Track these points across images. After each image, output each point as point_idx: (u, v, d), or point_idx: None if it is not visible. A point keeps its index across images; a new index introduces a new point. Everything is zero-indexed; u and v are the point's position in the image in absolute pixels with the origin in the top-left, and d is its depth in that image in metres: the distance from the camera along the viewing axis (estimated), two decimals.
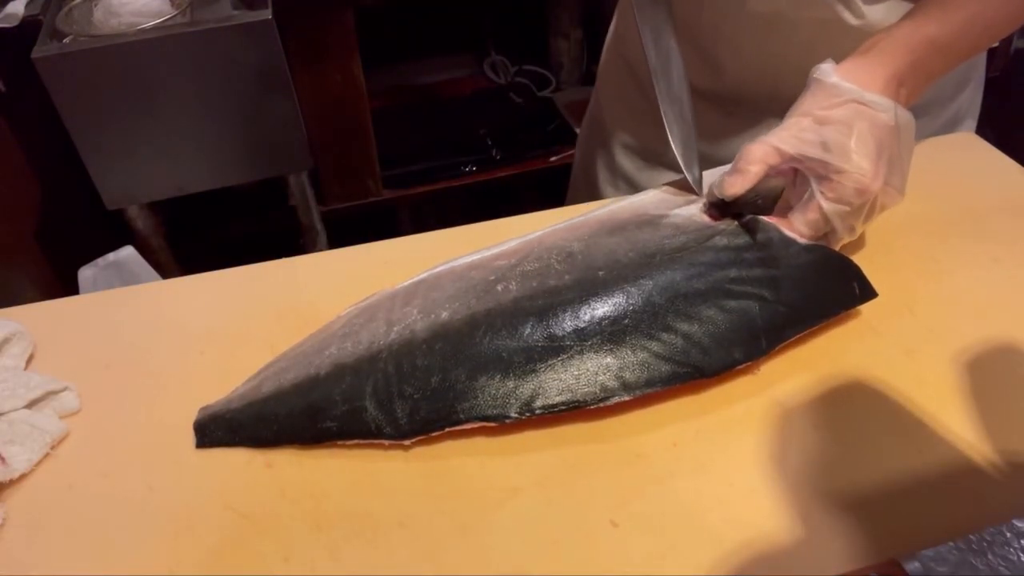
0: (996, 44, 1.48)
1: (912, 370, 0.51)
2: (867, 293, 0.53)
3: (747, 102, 0.74)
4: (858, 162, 0.49)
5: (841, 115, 0.51)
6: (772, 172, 0.53)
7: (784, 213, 0.54)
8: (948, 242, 0.61)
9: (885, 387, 0.50)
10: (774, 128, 0.54)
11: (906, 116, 0.52)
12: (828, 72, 0.53)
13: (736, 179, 0.52)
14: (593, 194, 0.91)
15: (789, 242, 0.52)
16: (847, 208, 0.51)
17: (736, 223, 0.54)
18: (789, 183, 0.56)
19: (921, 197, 0.65)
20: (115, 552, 0.43)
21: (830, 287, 0.52)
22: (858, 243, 0.59)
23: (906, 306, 0.55)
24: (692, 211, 0.57)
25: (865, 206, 0.51)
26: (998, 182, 0.67)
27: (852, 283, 0.53)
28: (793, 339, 0.52)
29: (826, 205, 0.51)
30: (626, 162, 0.86)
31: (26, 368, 0.54)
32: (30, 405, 0.49)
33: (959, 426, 0.47)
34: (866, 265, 0.54)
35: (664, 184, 0.61)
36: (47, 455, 0.48)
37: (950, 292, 0.56)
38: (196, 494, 0.46)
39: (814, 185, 0.51)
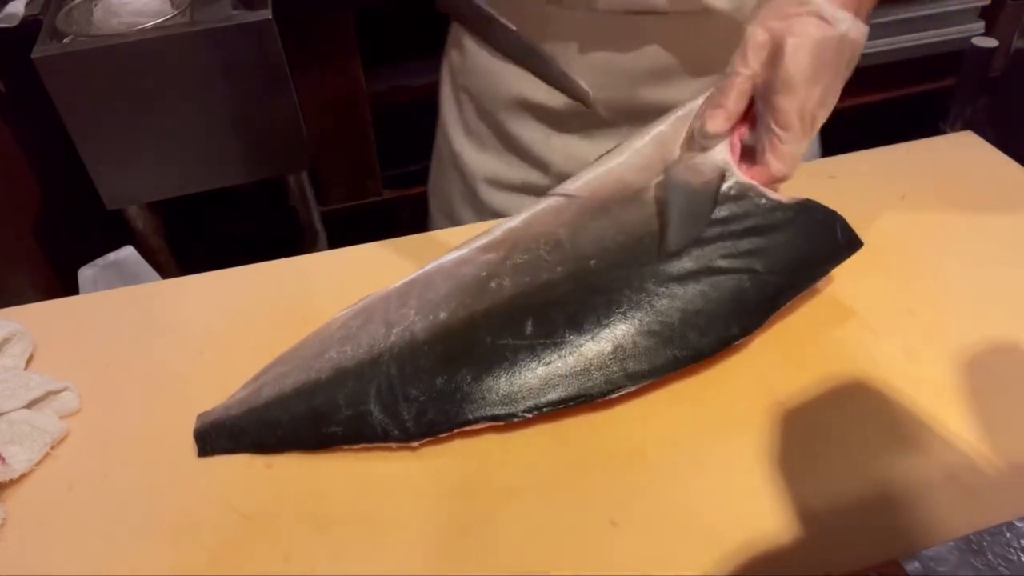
0: (997, 43, 1.48)
1: (912, 370, 0.51)
2: (853, 243, 0.53)
3: (602, 116, 0.71)
4: (804, 91, 0.48)
5: (798, 28, 0.49)
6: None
7: (751, 159, 0.53)
8: (948, 242, 0.60)
9: (885, 387, 0.50)
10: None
11: (861, 30, 0.51)
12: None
13: (718, 114, 0.51)
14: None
15: (773, 206, 0.52)
16: (798, 136, 0.50)
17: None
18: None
19: (921, 197, 0.65)
20: (115, 552, 0.43)
21: (817, 245, 0.52)
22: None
23: (906, 306, 0.55)
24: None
25: (808, 124, 0.50)
26: (998, 182, 0.67)
27: (837, 236, 0.52)
28: (793, 342, 0.52)
29: (782, 145, 0.50)
30: (489, 195, 0.80)
31: (26, 368, 0.54)
32: (30, 405, 0.49)
33: (959, 426, 0.47)
34: (866, 265, 0.54)
35: (643, 137, 0.57)
36: (47, 455, 0.48)
37: (950, 292, 0.56)
38: (196, 494, 0.46)
39: (767, 121, 0.50)
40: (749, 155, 0.54)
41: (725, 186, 0.52)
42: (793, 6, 0.50)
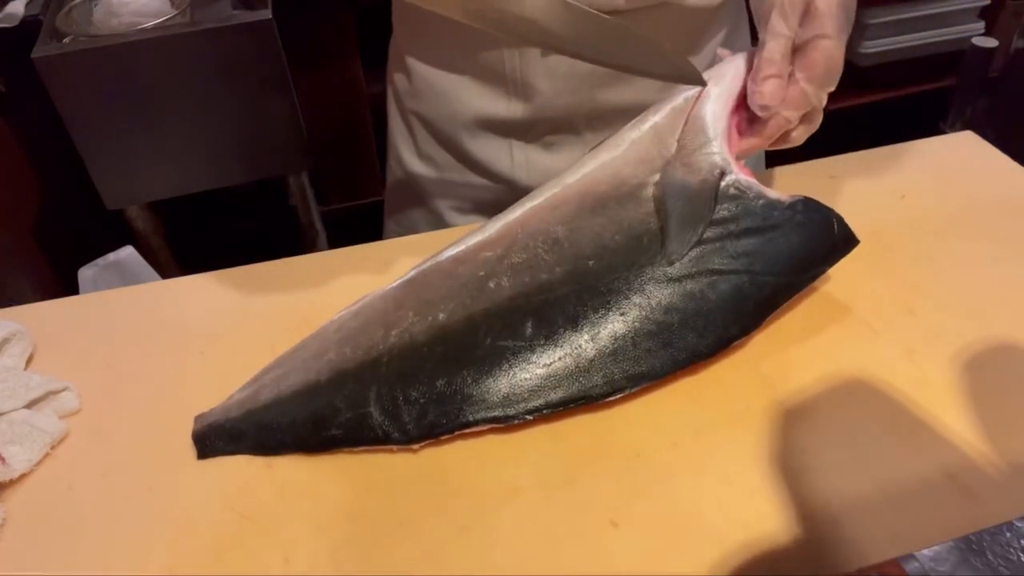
0: (997, 43, 1.48)
1: (912, 370, 0.51)
2: (850, 240, 0.52)
3: (563, 123, 0.70)
4: (831, 32, 0.49)
5: None
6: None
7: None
8: (948, 242, 0.60)
9: (885, 387, 0.50)
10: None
11: None
12: None
13: (775, 83, 0.49)
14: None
15: (771, 204, 0.52)
16: (821, 82, 0.50)
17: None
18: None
19: (921, 197, 0.65)
20: (115, 552, 0.43)
21: (815, 243, 0.52)
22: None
23: (906, 306, 0.55)
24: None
25: (832, 72, 0.50)
26: (998, 182, 0.67)
27: (835, 236, 0.52)
28: (793, 341, 0.52)
29: (807, 87, 0.50)
30: (454, 218, 0.78)
31: (26, 368, 0.54)
32: (30, 405, 0.49)
33: (959, 426, 0.47)
34: (866, 265, 0.54)
35: (638, 128, 0.56)
36: (47, 455, 0.48)
37: (950, 292, 0.56)
38: (196, 494, 0.46)
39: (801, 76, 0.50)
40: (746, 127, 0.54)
41: (723, 184, 0.52)
42: None
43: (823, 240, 0.52)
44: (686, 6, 0.62)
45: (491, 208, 0.75)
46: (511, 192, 0.74)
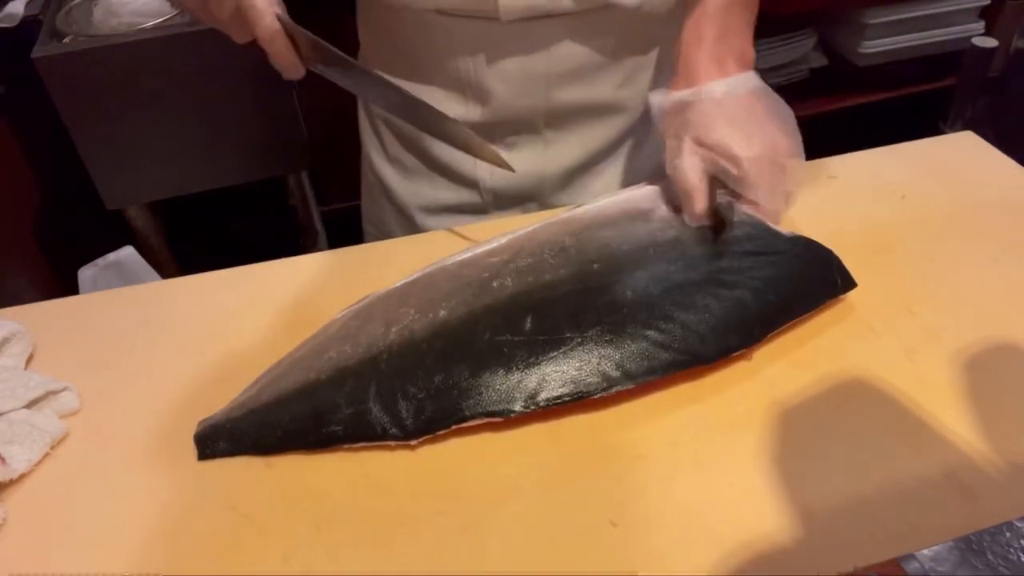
0: (997, 43, 1.47)
1: (912, 370, 0.51)
2: (847, 283, 0.54)
3: (522, 124, 0.70)
4: (739, 147, 0.53)
5: (700, 118, 0.55)
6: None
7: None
8: (947, 242, 0.60)
9: (885, 387, 0.50)
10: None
11: (740, 81, 0.56)
12: (661, 98, 0.58)
13: (696, 205, 0.55)
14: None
15: (776, 235, 0.54)
16: (773, 183, 0.55)
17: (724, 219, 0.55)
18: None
19: (921, 197, 0.65)
20: (115, 552, 0.43)
21: (815, 277, 0.54)
22: (858, 243, 0.59)
23: (906, 306, 0.55)
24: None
25: (778, 169, 0.55)
26: (998, 182, 0.67)
27: (834, 274, 0.54)
28: (793, 341, 0.52)
29: (751, 197, 0.55)
30: (426, 220, 0.78)
31: (26, 368, 0.54)
32: (30, 405, 0.49)
33: (959, 426, 0.47)
34: (866, 265, 0.54)
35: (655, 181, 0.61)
36: (47, 455, 0.48)
37: (950, 292, 0.56)
38: (196, 494, 0.46)
39: (732, 191, 0.56)
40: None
41: (735, 209, 0.55)
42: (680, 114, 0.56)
43: (822, 276, 0.54)
44: (629, 10, 0.63)
45: (461, 209, 0.76)
46: (477, 193, 0.74)
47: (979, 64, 1.49)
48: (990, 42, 1.47)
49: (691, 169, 0.55)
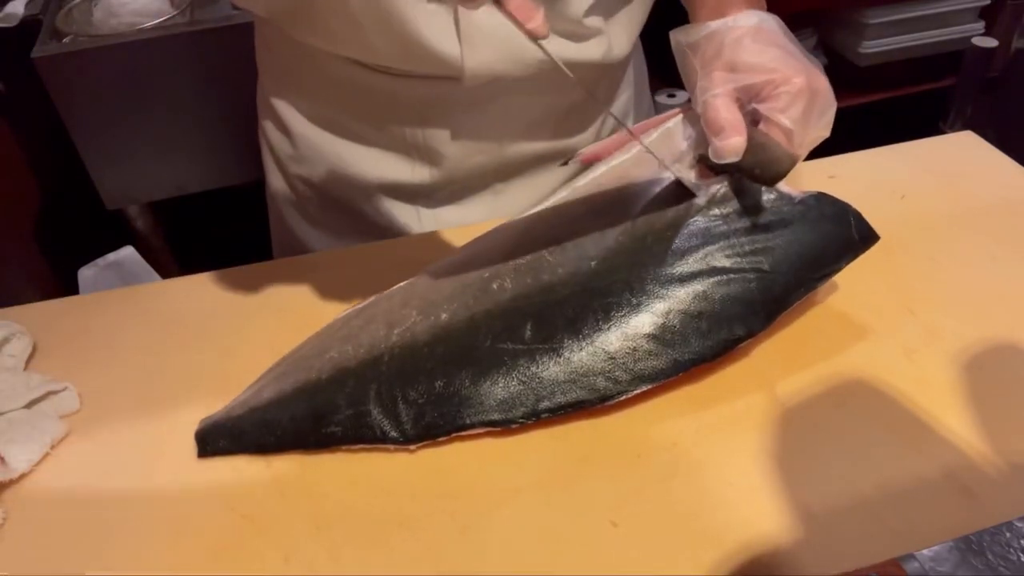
0: (997, 43, 1.47)
1: (912, 370, 0.51)
2: (868, 238, 0.51)
3: (473, 180, 0.68)
4: (784, 68, 0.48)
5: (735, 44, 0.50)
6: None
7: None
8: (948, 242, 0.60)
9: (885, 387, 0.50)
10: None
11: (770, 16, 0.52)
12: (684, 35, 0.53)
13: (731, 136, 0.48)
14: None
15: (782, 199, 0.50)
16: (799, 113, 0.49)
17: (726, 186, 0.51)
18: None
19: (921, 197, 0.65)
20: (115, 552, 0.43)
21: (829, 240, 0.50)
22: None
23: (906, 306, 0.55)
24: (681, 170, 0.53)
25: (805, 102, 0.49)
26: (998, 182, 0.67)
27: (851, 229, 0.50)
28: (793, 341, 0.52)
29: (785, 120, 0.49)
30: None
31: (26, 368, 0.54)
32: (30, 405, 0.49)
33: (959, 426, 0.47)
34: (866, 265, 0.53)
35: (650, 135, 0.56)
36: (47, 455, 0.48)
37: (950, 292, 0.56)
38: (196, 494, 0.46)
39: (764, 110, 0.50)
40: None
41: (734, 175, 0.51)
42: (710, 43, 0.51)
43: (838, 236, 0.50)
44: (592, 64, 0.62)
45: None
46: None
47: (979, 64, 1.49)
48: (990, 42, 1.47)
49: (723, 98, 0.49)
